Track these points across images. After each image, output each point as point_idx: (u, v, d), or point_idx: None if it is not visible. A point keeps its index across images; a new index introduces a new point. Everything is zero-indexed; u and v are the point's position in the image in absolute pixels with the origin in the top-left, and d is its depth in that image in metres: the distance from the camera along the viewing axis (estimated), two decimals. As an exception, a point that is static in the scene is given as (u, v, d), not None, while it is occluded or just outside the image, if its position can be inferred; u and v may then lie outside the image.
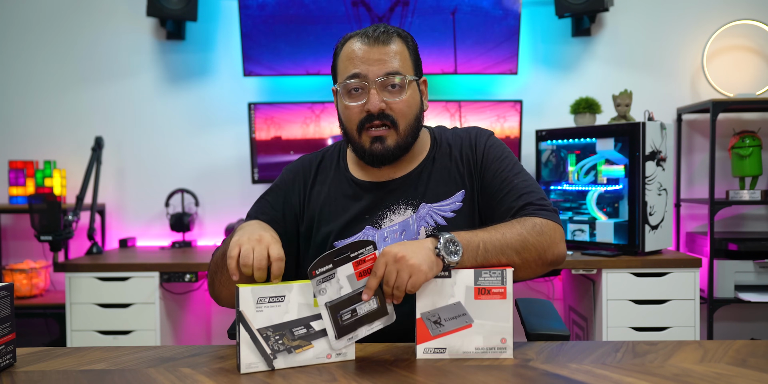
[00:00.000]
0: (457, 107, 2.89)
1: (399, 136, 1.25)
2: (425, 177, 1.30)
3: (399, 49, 1.24)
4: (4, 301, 1.03)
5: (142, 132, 3.12)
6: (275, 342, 1.02)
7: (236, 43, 3.03)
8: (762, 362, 1.02)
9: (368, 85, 1.22)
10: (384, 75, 1.22)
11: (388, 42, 1.23)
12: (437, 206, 1.28)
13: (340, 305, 1.03)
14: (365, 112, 1.23)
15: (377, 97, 1.22)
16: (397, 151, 1.26)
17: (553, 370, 1.00)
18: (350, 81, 1.23)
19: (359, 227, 1.28)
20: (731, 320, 3.01)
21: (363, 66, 1.22)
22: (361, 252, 1.05)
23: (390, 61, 1.22)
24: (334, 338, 1.03)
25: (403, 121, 1.24)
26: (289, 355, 1.03)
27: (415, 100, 1.27)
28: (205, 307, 3.06)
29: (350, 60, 1.24)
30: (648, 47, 3.05)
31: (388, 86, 1.23)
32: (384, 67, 1.22)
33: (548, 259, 1.16)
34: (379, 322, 1.06)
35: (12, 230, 3.16)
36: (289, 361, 1.03)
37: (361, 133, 1.25)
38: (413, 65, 1.27)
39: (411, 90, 1.25)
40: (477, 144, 1.32)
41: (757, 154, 2.73)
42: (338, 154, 1.38)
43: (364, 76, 1.22)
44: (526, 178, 1.27)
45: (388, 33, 1.24)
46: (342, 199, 1.31)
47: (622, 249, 2.50)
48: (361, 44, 1.23)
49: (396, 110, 1.23)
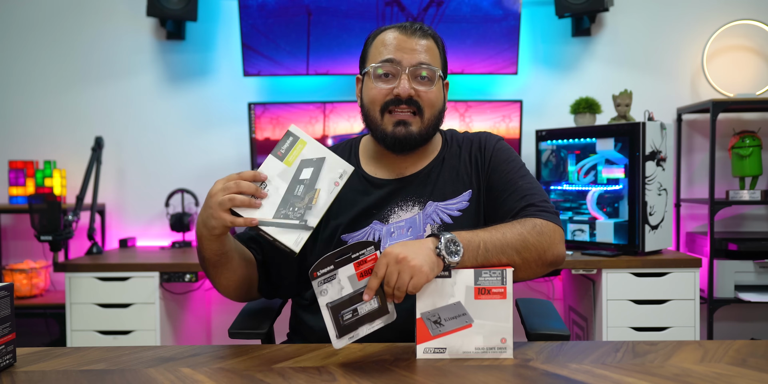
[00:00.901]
0: (456, 107, 2.89)
1: (422, 125, 1.27)
2: (434, 176, 1.32)
3: (432, 46, 1.29)
4: (4, 301, 1.03)
5: (142, 132, 3.12)
6: (293, 212, 1.09)
7: (236, 43, 3.04)
8: (762, 362, 1.02)
9: (400, 71, 1.25)
10: (417, 64, 1.25)
11: (424, 37, 1.28)
12: (444, 205, 1.29)
13: (341, 305, 1.04)
14: (393, 95, 1.25)
15: (408, 83, 1.24)
16: (419, 139, 1.28)
17: (553, 370, 1.00)
18: (383, 63, 1.25)
19: (367, 222, 1.29)
20: (731, 320, 3.01)
21: (398, 53, 1.25)
22: (362, 253, 1.05)
23: (425, 53, 1.26)
24: (335, 338, 1.03)
25: (429, 111, 1.27)
26: (312, 210, 1.09)
27: (441, 95, 1.31)
28: (205, 307, 3.06)
29: (385, 46, 1.27)
30: (648, 47, 3.05)
31: (419, 76, 1.26)
32: (418, 57, 1.25)
33: (548, 259, 1.17)
34: (380, 321, 1.06)
35: (12, 230, 3.16)
36: (315, 212, 1.09)
37: (383, 115, 1.27)
38: (442, 65, 1.31)
39: (438, 85, 1.29)
40: (486, 146, 1.34)
41: (757, 154, 2.73)
42: (350, 150, 1.39)
43: (397, 62, 1.25)
44: (530, 180, 1.29)
45: (424, 29, 1.29)
46: (351, 193, 1.32)
47: (622, 249, 2.50)
48: (398, 33, 1.27)
49: (424, 99, 1.26)
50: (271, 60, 2.93)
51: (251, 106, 2.91)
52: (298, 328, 1.38)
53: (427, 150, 1.34)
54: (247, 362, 1.07)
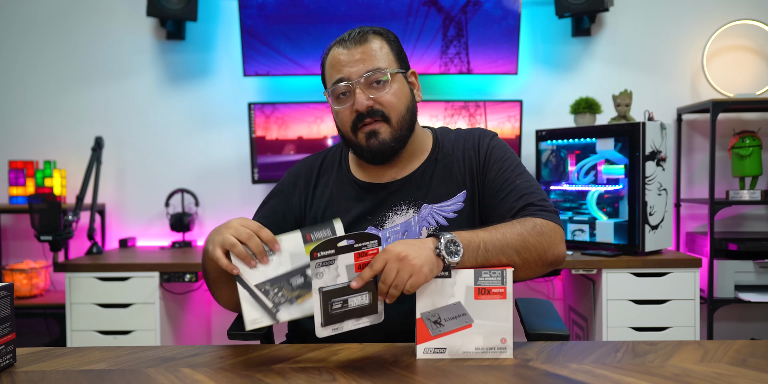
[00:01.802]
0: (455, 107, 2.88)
1: (393, 129, 1.26)
2: (427, 178, 1.30)
3: (378, 45, 1.26)
4: (4, 301, 1.03)
5: (142, 132, 3.12)
6: (275, 295, 1.04)
7: (236, 43, 3.04)
8: (762, 362, 1.02)
9: (353, 86, 1.24)
10: (366, 73, 1.24)
11: (364, 41, 1.26)
12: (439, 207, 1.28)
13: (333, 293, 1.03)
14: (355, 112, 1.24)
15: (363, 95, 1.23)
16: (394, 144, 1.26)
17: (553, 370, 1.00)
18: (335, 86, 1.25)
19: (362, 228, 1.29)
20: (731, 320, 3.01)
21: (345, 69, 1.25)
22: (365, 244, 1.04)
23: (369, 59, 1.24)
24: (319, 325, 1.03)
25: (394, 113, 1.26)
26: (291, 305, 1.04)
27: (404, 92, 1.28)
28: (205, 307, 3.06)
29: (332, 67, 1.27)
30: (648, 47, 3.05)
31: (373, 83, 1.25)
32: (364, 66, 1.24)
33: (548, 259, 1.16)
34: (366, 319, 1.05)
35: (12, 230, 3.16)
36: (292, 311, 1.04)
37: (356, 133, 1.26)
38: (396, 58, 1.29)
39: (397, 83, 1.27)
40: (480, 144, 1.32)
41: (757, 154, 2.73)
42: (339, 155, 1.38)
43: (347, 79, 1.24)
44: (528, 179, 1.27)
45: (363, 33, 1.27)
46: (344, 200, 1.31)
47: (622, 249, 2.50)
48: (340, 49, 1.26)
49: (384, 104, 1.25)
50: (271, 60, 2.93)
51: (251, 106, 2.91)
52: (297, 330, 1.38)
53: (415, 151, 1.32)
54: (247, 362, 1.07)
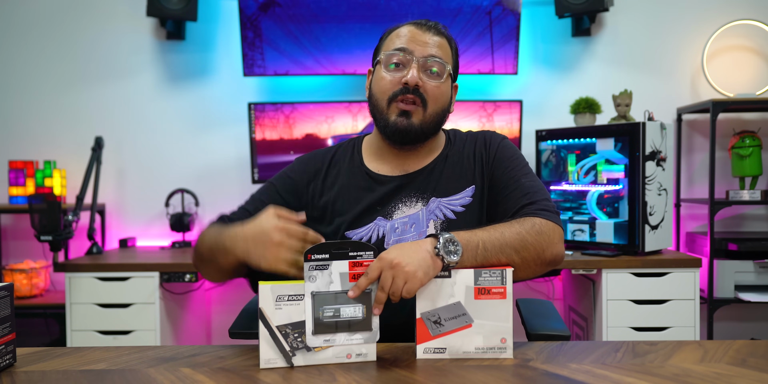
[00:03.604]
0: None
1: (425, 118, 1.27)
2: (437, 173, 1.33)
3: (445, 44, 1.30)
4: (4, 301, 1.03)
5: (142, 132, 3.12)
6: (294, 339, 1.03)
7: (236, 43, 3.04)
8: (762, 362, 1.02)
9: (412, 60, 1.26)
10: (428, 56, 1.26)
11: (440, 34, 1.30)
12: (447, 200, 1.30)
13: (325, 299, 1.03)
14: (401, 84, 1.26)
15: (417, 72, 1.25)
16: (419, 132, 1.28)
17: (553, 370, 1.00)
18: (395, 52, 1.27)
19: (371, 218, 1.30)
20: (731, 320, 3.02)
21: (411, 43, 1.27)
22: (360, 254, 1.05)
23: (436, 47, 1.28)
24: (311, 332, 1.03)
25: (433, 104, 1.28)
26: (308, 352, 1.03)
27: (448, 93, 1.31)
28: (205, 307, 3.06)
29: (399, 37, 1.29)
30: (648, 47, 3.05)
31: (429, 69, 1.27)
32: (430, 50, 1.27)
33: (547, 258, 1.16)
34: (360, 336, 1.05)
35: (12, 230, 3.16)
36: (308, 358, 1.04)
37: (390, 104, 1.27)
38: (453, 64, 1.32)
39: (446, 82, 1.30)
40: (491, 143, 1.35)
41: (757, 154, 2.73)
42: (353, 147, 1.40)
43: (409, 52, 1.26)
44: (533, 179, 1.29)
45: (439, 27, 1.31)
46: (355, 190, 1.33)
47: (622, 249, 2.50)
48: (413, 28, 1.29)
49: (430, 91, 1.27)
50: (271, 60, 2.93)
51: (251, 106, 2.91)
52: None
53: (430, 147, 1.35)
54: (247, 362, 1.07)
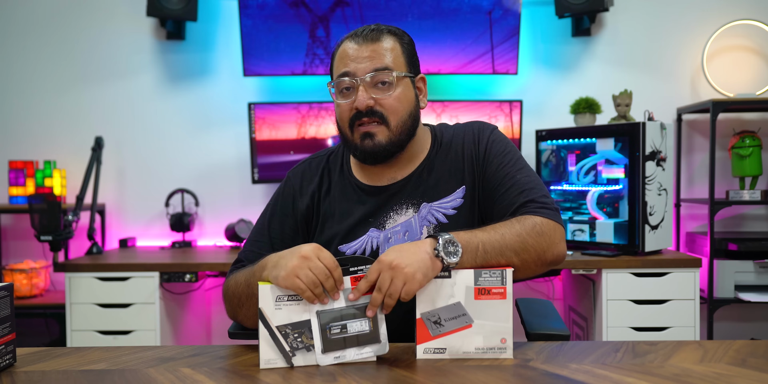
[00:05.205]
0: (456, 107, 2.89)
1: (390, 133, 1.23)
2: (425, 176, 1.29)
3: (390, 45, 1.24)
4: (4, 301, 1.03)
5: (142, 132, 3.12)
6: (294, 340, 1.03)
7: (236, 43, 3.03)
8: (762, 362, 1.02)
9: (357, 82, 1.22)
10: (372, 71, 1.21)
11: (378, 39, 1.23)
12: (438, 204, 1.27)
13: (330, 316, 1.04)
14: (354, 109, 1.23)
15: (365, 94, 1.21)
16: (390, 148, 1.24)
17: (553, 370, 1.00)
18: (340, 79, 1.24)
19: (363, 231, 1.28)
20: (731, 320, 3.01)
21: (352, 64, 1.22)
22: (360, 268, 1.05)
23: (379, 57, 1.22)
24: (320, 351, 1.03)
25: (393, 117, 1.23)
26: (308, 353, 1.03)
27: (408, 96, 1.26)
28: (205, 307, 3.06)
29: (341, 60, 1.24)
30: (648, 47, 3.05)
31: (378, 83, 1.22)
32: (372, 64, 1.22)
33: (548, 259, 1.16)
34: (370, 349, 1.05)
35: (12, 230, 3.16)
36: (308, 359, 1.04)
37: (353, 130, 1.25)
38: (407, 62, 1.26)
39: (403, 86, 1.24)
40: (480, 139, 1.30)
41: (757, 154, 2.73)
42: (341, 158, 1.37)
43: (353, 74, 1.22)
44: (528, 173, 1.25)
45: (378, 31, 1.24)
46: (346, 203, 1.30)
47: (622, 249, 2.50)
48: (351, 43, 1.24)
49: (385, 106, 1.22)
50: (271, 60, 2.92)
51: (251, 106, 2.91)
52: None
53: (412, 152, 1.30)
54: (247, 362, 1.07)
